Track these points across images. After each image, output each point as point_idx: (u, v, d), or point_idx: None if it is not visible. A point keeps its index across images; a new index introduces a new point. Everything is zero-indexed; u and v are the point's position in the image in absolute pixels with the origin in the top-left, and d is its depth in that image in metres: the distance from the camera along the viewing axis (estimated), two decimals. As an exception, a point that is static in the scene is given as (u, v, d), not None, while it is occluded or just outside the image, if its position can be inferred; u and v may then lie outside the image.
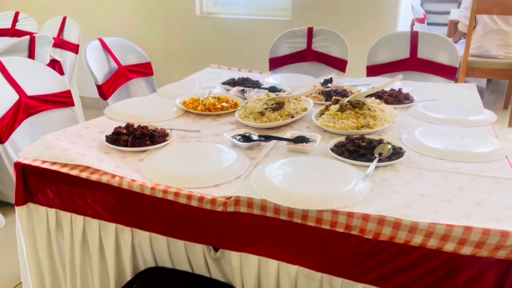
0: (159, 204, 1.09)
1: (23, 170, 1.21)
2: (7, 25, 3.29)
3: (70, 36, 2.99)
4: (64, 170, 1.17)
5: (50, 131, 1.77)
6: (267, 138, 1.30)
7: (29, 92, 1.66)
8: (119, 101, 2.14)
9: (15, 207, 1.24)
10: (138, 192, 1.10)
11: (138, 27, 3.60)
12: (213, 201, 1.04)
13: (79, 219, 1.20)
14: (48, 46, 2.38)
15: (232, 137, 1.35)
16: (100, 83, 2.00)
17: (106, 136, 1.34)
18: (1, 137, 1.46)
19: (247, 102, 1.61)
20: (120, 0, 3.58)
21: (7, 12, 3.31)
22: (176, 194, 1.07)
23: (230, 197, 1.04)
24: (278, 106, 1.51)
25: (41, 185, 1.21)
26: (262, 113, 1.49)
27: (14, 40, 2.13)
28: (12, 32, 3.28)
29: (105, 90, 2.02)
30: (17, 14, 3.29)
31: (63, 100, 1.80)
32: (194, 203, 1.06)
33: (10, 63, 1.66)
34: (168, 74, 3.55)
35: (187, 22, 3.46)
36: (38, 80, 1.74)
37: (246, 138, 1.33)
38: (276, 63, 2.58)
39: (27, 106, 1.63)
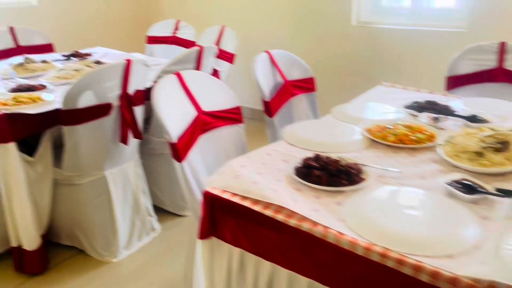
0: (372, 269, 0.88)
1: (211, 201, 1.10)
2: (169, 32, 3.44)
3: (227, 45, 3.00)
4: (257, 208, 1.03)
5: (221, 149, 1.70)
6: (507, 194, 1.00)
7: (205, 108, 1.60)
8: (281, 118, 2.03)
9: (198, 239, 1.14)
10: (346, 249, 0.91)
11: (289, 37, 3.50)
12: (452, 280, 0.79)
13: (266, 265, 1.05)
14: (212, 56, 2.37)
15: (448, 183, 1.08)
16: (268, 99, 1.89)
17: (296, 169, 1.17)
18: (181, 155, 1.40)
19: (452, 136, 1.32)
20: (273, 10, 3.52)
21: (170, 20, 3.47)
22: (399, 262, 0.85)
23: (478, 279, 0.78)
24: (502, 146, 1.20)
25: (228, 220, 1.09)
26: (480, 154, 1.19)
27: (185, 51, 2.14)
28: (172, 39, 3.42)
29: (272, 107, 1.90)
30: (178, 22, 3.43)
31: (233, 116, 1.72)
32: (424, 278, 0.82)
33: (188, 76, 1.62)
34: (323, 89, 3.37)
35: (342, 33, 3.24)
36: (211, 94, 1.68)
37: (469, 188, 1.06)
38: (456, 82, 2.21)
39: (203, 122, 1.58)
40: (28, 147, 1.89)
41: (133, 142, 2.04)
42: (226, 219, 1.10)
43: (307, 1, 3.34)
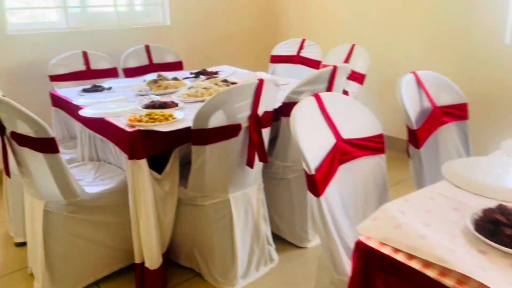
0: None
1: (365, 254, 0.90)
2: (293, 52, 3.35)
3: (356, 65, 2.79)
4: (431, 273, 0.80)
5: (359, 183, 1.49)
6: None
7: (344, 135, 1.41)
8: (425, 150, 1.75)
9: (345, 297, 0.94)
10: None
11: (428, 57, 3.16)
12: None
13: None
14: (345, 76, 2.18)
15: None
16: (415, 127, 1.63)
17: (475, 223, 0.92)
18: (319, 189, 1.23)
19: None
20: (410, 27, 3.22)
21: (295, 39, 3.38)
22: None
23: None
24: None
25: (387, 281, 0.88)
26: None
27: (318, 71, 1.99)
28: (297, 59, 3.32)
29: (420, 137, 1.64)
30: (303, 41, 3.32)
31: (375, 145, 1.50)
32: None
33: (328, 99, 1.46)
34: (471, 117, 2.98)
35: (492, 53, 2.82)
36: (352, 120, 1.49)
37: None
38: None
39: (342, 151, 1.39)
40: (155, 163, 1.90)
41: (257, 165, 1.93)
42: (385, 279, 0.88)
43: (449, 18, 2.99)
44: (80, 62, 2.99)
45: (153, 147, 1.79)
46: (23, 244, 2.23)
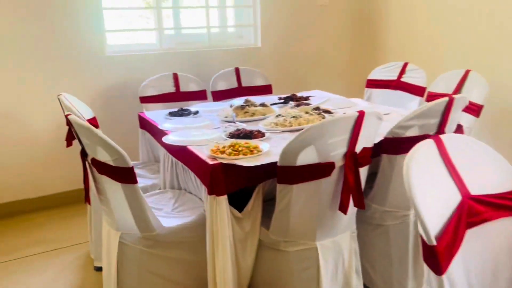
0: None
1: None
2: (393, 76, 3.03)
3: (471, 94, 2.40)
4: None
5: (488, 253, 1.16)
6: None
7: (472, 190, 1.10)
8: None
9: None
10: None
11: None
12: None
13: None
14: (461, 109, 1.84)
15: None
16: None
17: None
18: (441, 264, 0.94)
19: None
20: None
21: (396, 63, 3.05)
22: None
23: None
24: None
25: None
26: None
27: (429, 103, 1.68)
28: (396, 84, 2.99)
29: None
30: (405, 65, 2.98)
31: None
32: None
33: (451, 142, 1.16)
34: None
35: None
36: (482, 170, 1.17)
37: None
38: None
39: (470, 212, 1.08)
40: (236, 197, 1.72)
41: (352, 210, 1.67)
42: None
43: None
44: (170, 84, 2.98)
45: (235, 183, 1.62)
46: (102, 269, 2.18)
